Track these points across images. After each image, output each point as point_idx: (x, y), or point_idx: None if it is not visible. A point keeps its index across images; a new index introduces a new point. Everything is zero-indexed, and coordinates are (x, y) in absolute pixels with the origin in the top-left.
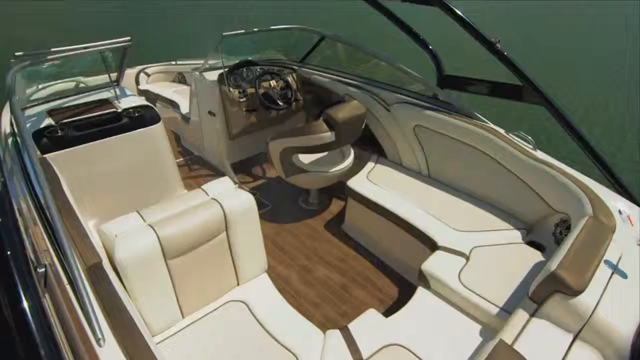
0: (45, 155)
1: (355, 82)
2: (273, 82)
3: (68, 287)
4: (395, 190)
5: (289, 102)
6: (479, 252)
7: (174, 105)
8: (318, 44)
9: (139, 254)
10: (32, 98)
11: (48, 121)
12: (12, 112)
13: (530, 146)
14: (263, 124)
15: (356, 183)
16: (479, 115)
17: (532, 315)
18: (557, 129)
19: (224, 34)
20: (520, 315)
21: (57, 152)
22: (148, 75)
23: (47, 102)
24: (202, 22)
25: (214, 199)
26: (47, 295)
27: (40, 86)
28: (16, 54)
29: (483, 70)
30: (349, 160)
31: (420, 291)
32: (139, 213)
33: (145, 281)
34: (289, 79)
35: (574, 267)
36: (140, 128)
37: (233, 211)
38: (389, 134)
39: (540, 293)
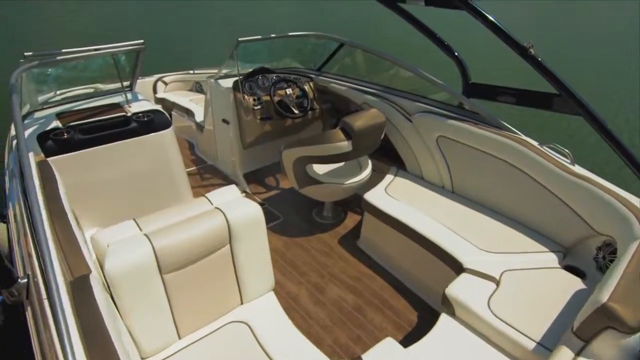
0: (49, 159)
1: (374, 91)
2: (289, 90)
3: (46, 302)
4: (416, 205)
5: (305, 110)
6: (511, 277)
7: (189, 113)
8: (337, 51)
9: (131, 266)
10: (43, 101)
11: (55, 124)
12: (12, 112)
13: (568, 160)
14: (277, 133)
15: (374, 196)
16: (509, 126)
17: (578, 354)
18: (588, 141)
19: (240, 39)
20: (564, 354)
21: (60, 156)
22: (165, 83)
23: (58, 105)
24: (221, 30)
25: (218, 209)
26: (29, 309)
27: (58, 92)
28: (25, 54)
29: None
30: (367, 172)
31: (444, 318)
32: (135, 221)
33: (137, 297)
34: (306, 87)
35: (629, 300)
36: (149, 133)
37: (238, 222)
38: (410, 145)
39: (587, 328)
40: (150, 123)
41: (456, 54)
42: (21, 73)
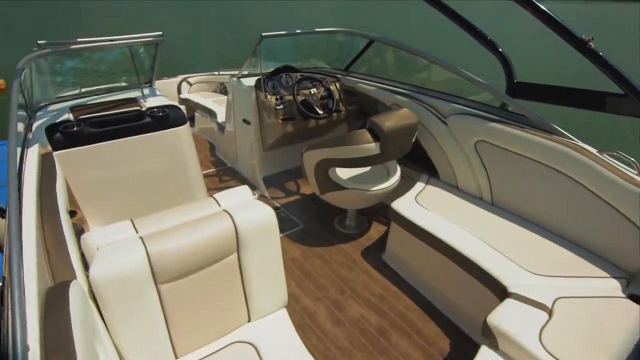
0: (56, 152)
1: (404, 91)
2: (314, 90)
3: (13, 311)
4: (450, 217)
5: (329, 112)
6: (565, 305)
7: (211, 114)
8: (366, 49)
9: (119, 274)
10: (59, 95)
11: (67, 117)
12: (10, 96)
13: (634, 171)
14: (300, 136)
15: (402, 205)
16: (562, 130)
17: None
18: None
19: (263, 34)
20: None
21: (68, 150)
22: (190, 84)
23: (74, 99)
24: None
25: (226, 211)
26: (3, 315)
27: (75, 87)
28: (39, 42)
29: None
30: (395, 179)
31: (485, 351)
32: (132, 222)
33: (127, 309)
34: (332, 87)
35: None
36: (164, 129)
37: (248, 227)
38: (444, 150)
39: None
40: (165, 118)
41: (500, 49)
42: (31, 60)
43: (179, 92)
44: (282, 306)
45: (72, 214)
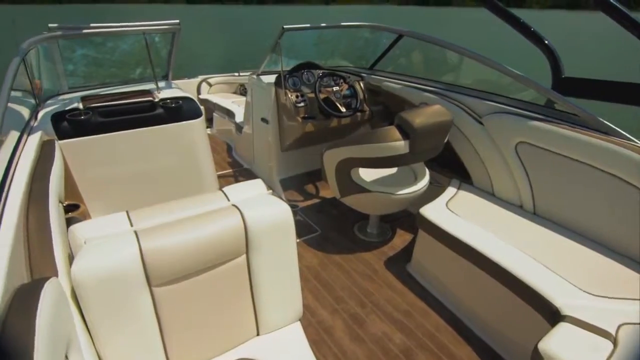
0: (62, 141)
1: (434, 89)
2: (336, 88)
3: None
4: (487, 226)
5: (353, 111)
6: (633, 333)
7: (230, 114)
8: (394, 44)
9: (106, 273)
10: (72, 85)
11: (76, 105)
12: (6, 75)
13: None
14: (320, 137)
15: (432, 211)
16: (620, 130)
17: None
18: None
19: (285, 26)
20: None
21: (74, 139)
22: (210, 85)
23: (88, 89)
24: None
25: (235, 206)
26: None
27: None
28: (50, 25)
29: None
30: (423, 183)
31: None
32: (127, 214)
33: (114, 314)
34: (356, 85)
35: None
36: (176, 121)
37: (260, 225)
38: (479, 152)
39: None
40: (178, 110)
41: (546, 41)
42: (38, 42)
43: (199, 92)
44: (297, 319)
45: (74, 207)
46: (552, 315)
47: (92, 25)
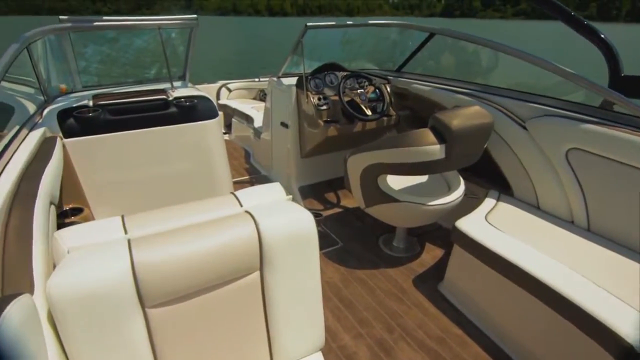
0: (68, 140)
1: (469, 90)
2: (361, 90)
3: None
4: (535, 244)
5: (379, 114)
6: None
7: (248, 119)
8: (425, 44)
9: (90, 289)
10: (88, 84)
11: (86, 102)
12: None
13: None
14: (342, 142)
15: (471, 225)
16: None
17: None
18: None
19: (308, 24)
20: None
21: (80, 138)
22: (229, 90)
23: (101, 88)
24: None
25: (248, 213)
26: None
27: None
28: (60, 17)
29: None
30: (459, 193)
31: None
32: (122, 219)
33: (98, 341)
34: (382, 88)
35: None
36: (190, 121)
37: (277, 236)
38: (521, 160)
39: None
40: (193, 109)
41: (602, 36)
42: (45, 32)
43: (218, 97)
44: (318, 349)
45: (77, 211)
46: (623, 353)
47: (104, 18)
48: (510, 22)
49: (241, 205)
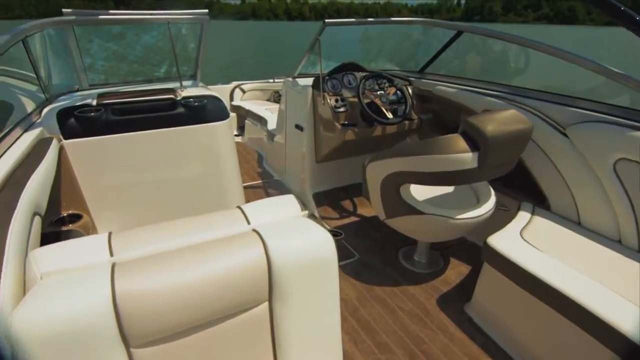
0: (68, 141)
1: (500, 93)
2: (382, 92)
3: None
4: (577, 265)
5: (401, 117)
6: None
7: (262, 121)
8: (451, 42)
9: (62, 326)
10: (94, 83)
11: (89, 101)
12: None
13: None
14: (360, 146)
15: (504, 241)
16: None
17: None
18: None
19: (327, 20)
20: None
21: (81, 139)
22: (243, 91)
23: (108, 87)
24: None
25: (256, 232)
26: None
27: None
28: (64, 10)
29: None
30: (489, 205)
31: None
32: (108, 238)
33: None
34: (404, 90)
35: None
36: (199, 123)
37: (289, 262)
38: (560, 170)
39: None
40: (202, 110)
41: None
42: (45, 25)
43: (231, 98)
44: None
45: (75, 218)
46: None
47: (110, 11)
48: (532, 26)
49: (248, 223)
